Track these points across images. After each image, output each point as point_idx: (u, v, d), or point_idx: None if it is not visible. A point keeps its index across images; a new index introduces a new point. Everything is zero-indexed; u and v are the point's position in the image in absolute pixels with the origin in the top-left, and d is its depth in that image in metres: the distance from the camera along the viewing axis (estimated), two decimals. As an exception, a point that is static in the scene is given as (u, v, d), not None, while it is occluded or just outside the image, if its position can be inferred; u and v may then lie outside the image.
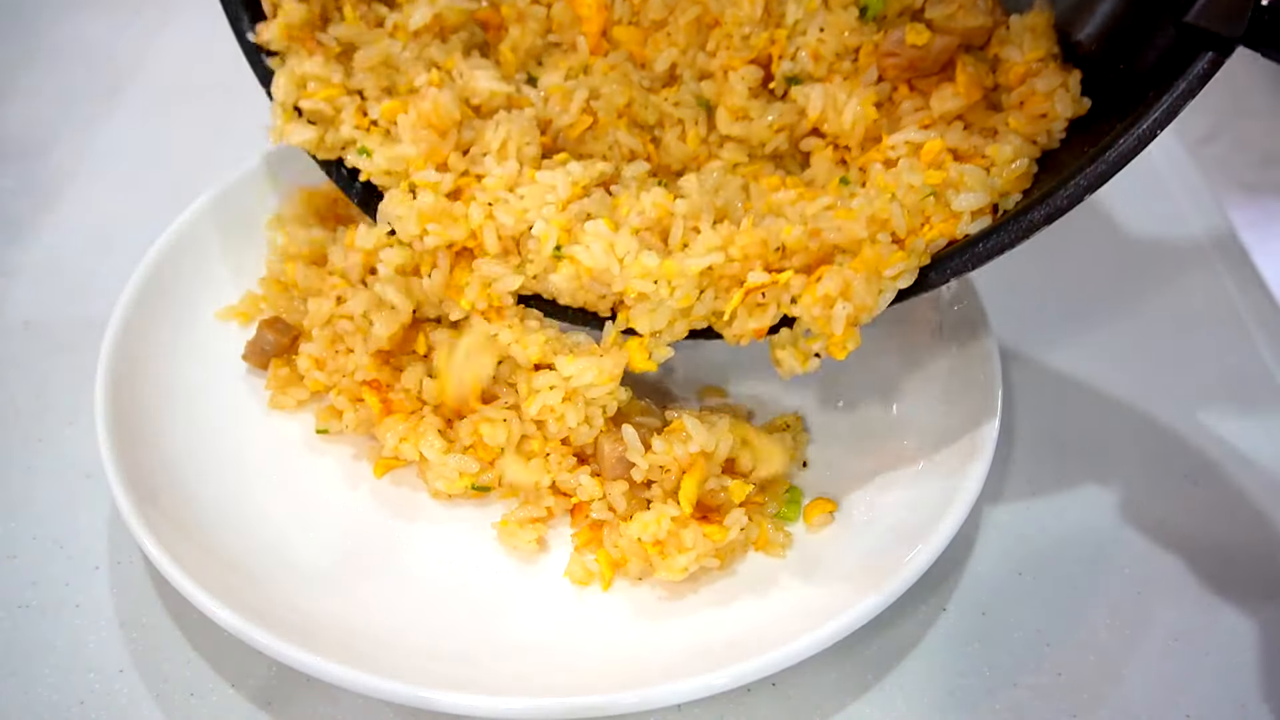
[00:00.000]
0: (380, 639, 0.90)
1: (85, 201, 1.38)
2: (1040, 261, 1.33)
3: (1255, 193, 3.06)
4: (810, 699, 0.91)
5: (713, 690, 0.83)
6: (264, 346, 1.09)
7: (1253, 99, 3.35)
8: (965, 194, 0.88)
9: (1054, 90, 0.89)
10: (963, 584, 1.00)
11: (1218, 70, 0.78)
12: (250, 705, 0.90)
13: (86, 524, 1.02)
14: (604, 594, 0.96)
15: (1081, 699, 0.92)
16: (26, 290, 1.26)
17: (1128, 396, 1.17)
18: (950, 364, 1.07)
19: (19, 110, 1.53)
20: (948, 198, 0.89)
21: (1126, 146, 0.82)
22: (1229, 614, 0.98)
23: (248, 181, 1.19)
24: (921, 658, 0.94)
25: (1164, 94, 0.80)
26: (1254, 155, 3.17)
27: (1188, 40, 0.78)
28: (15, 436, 1.10)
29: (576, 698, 0.81)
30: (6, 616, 0.95)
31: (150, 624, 0.95)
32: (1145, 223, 1.39)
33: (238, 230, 1.17)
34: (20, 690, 0.90)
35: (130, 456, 0.95)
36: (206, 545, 0.93)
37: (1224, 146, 3.18)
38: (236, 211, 1.17)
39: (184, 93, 1.56)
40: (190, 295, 1.13)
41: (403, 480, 1.04)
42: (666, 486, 0.96)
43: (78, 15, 1.69)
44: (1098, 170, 0.83)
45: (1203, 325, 1.25)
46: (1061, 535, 1.04)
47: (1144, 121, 0.81)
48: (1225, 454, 1.11)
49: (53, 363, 1.17)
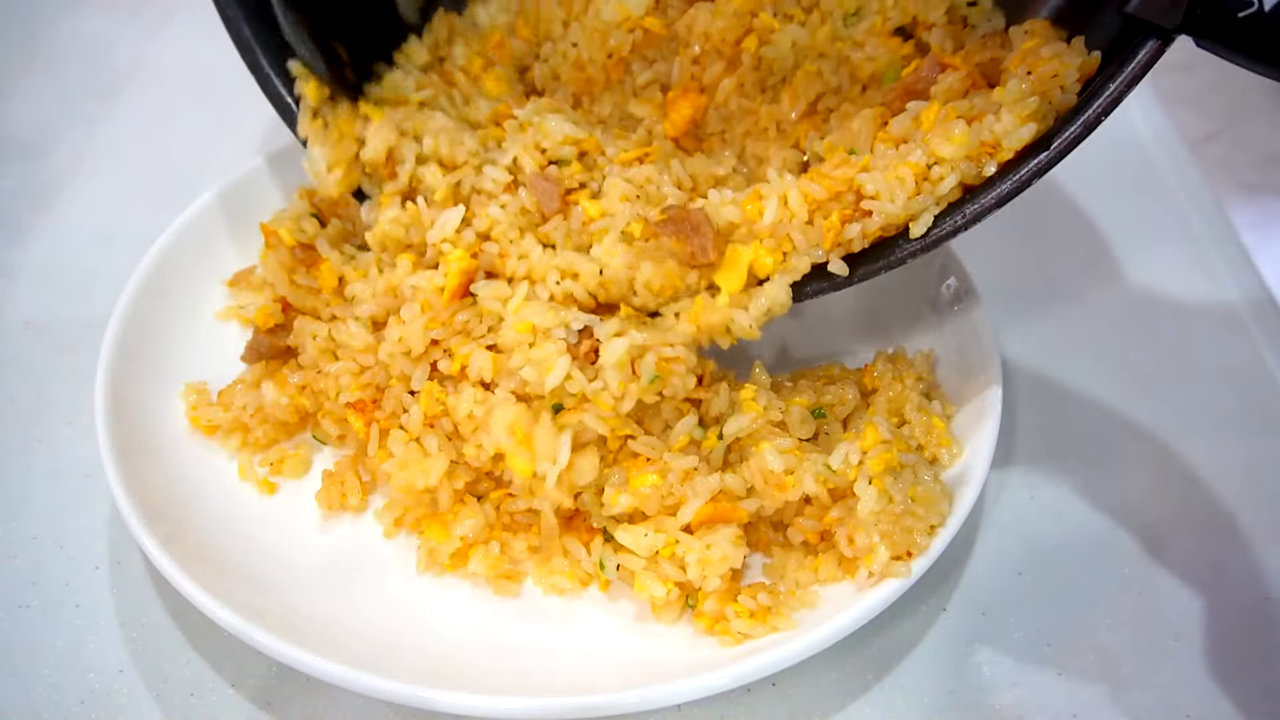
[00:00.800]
0: (380, 639, 0.90)
1: (85, 201, 1.38)
2: (1040, 262, 1.33)
3: (1255, 193, 3.06)
4: (810, 699, 0.91)
5: (713, 690, 0.83)
6: (260, 349, 1.09)
7: (1253, 99, 3.35)
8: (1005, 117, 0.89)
9: (1059, 53, 0.89)
10: (963, 584, 1.00)
11: (1160, 58, 0.81)
12: (250, 705, 0.90)
13: (86, 524, 1.02)
14: (604, 594, 0.96)
15: (1081, 699, 0.92)
16: (26, 290, 1.26)
17: (1128, 396, 1.17)
18: (951, 364, 1.07)
19: (19, 110, 1.53)
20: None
21: (1074, 134, 0.85)
22: (1229, 614, 0.98)
23: (248, 181, 1.19)
24: (921, 658, 0.94)
25: (1109, 81, 0.83)
26: (1254, 155, 3.17)
27: (1132, 28, 0.81)
28: (15, 436, 1.10)
29: (576, 698, 0.81)
30: (6, 616, 0.95)
31: (150, 624, 0.95)
32: (1145, 223, 1.39)
33: (238, 230, 1.17)
34: (20, 690, 0.90)
35: (130, 456, 0.95)
36: (206, 545, 0.93)
37: (1224, 146, 3.18)
38: (237, 211, 1.17)
39: (184, 93, 1.56)
40: (190, 295, 1.12)
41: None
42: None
43: (77, 15, 1.69)
44: (1047, 158, 0.86)
45: (1203, 325, 1.25)
46: (1061, 535, 1.04)
47: (1090, 108, 0.84)
48: (1225, 454, 1.11)
49: (53, 363, 1.17)
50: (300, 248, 1.08)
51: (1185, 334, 1.24)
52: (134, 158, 1.45)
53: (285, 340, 1.08)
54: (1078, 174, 1.46)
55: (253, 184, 1.19)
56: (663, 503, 0.92)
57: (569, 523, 0.99)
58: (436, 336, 0.98)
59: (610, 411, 0.92)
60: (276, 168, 1.20)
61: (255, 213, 1.18)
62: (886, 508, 0.89)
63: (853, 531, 0.90)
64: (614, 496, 0.93)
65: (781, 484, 0.91)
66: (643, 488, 0.92)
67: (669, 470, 0.93)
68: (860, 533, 0.89)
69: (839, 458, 0.91)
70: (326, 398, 1.03)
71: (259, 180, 1.19)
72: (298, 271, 1.07)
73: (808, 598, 0.91)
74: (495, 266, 1.00)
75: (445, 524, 0.97)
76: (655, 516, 0.93)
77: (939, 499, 0.91)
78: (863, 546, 0.89)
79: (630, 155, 1.04)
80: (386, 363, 1.01)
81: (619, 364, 0.91)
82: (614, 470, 0.95)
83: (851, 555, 0.90)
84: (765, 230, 0.94)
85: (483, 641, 0.91)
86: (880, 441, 0.92)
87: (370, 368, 1.02)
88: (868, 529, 0.89)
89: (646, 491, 0.92)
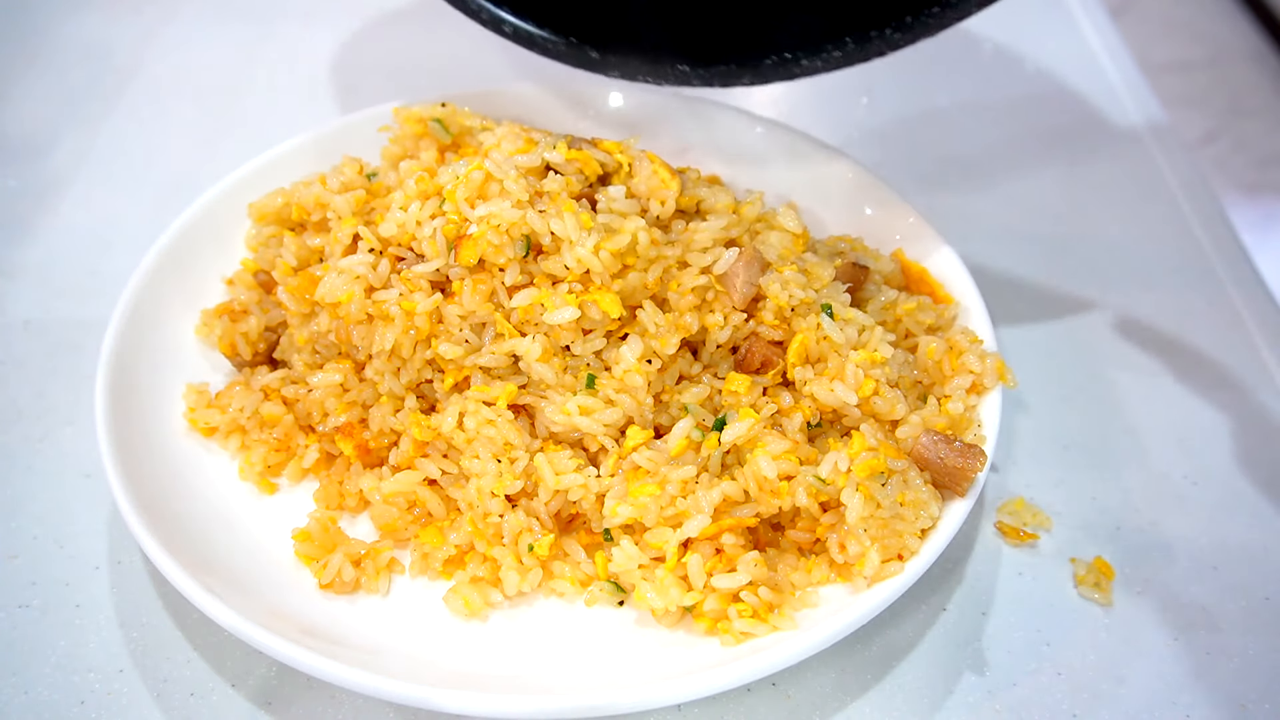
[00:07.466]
0: (380, 639, 0.90)
1: (85, 201, 1.38)
2: (1040, 263, 1.33)
3: (1255, 193, 3.06)
4: (810, 699, 0.91)
5: (713, 690, 0.83)
6: (244, 361, 1.09)
7: (1253, 99, 3.35)
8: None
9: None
10: (963, 584, 1.00)
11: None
12: (250, 705, 0.90)
13: (86, 524, 1.02)
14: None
15: (1081, 699, 0.92)
16: (26, 290, 1.26)
17: (1128, 396, 1.17)
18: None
19: (19, 110, 1.53)
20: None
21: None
22: (1229, 614, 0.98)
23: (248, 181, 1.19)
24: (921, 658, 0.94)
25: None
26: (1254, 155, 3.17)
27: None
28: (15, 436, 1.10)
29: (576, 698, 0.81)
30: (6, 617, 0.95)
31: (150, 624, 0.95)
32: (1145, 223, 1.39)
33: (238, 230, 1.17)
34: (20, 690, 0.90)
35: (130, 456, 0.95)
36: (206, 545, 0.93)
37: (1224, 146, 3.18)
38: (236, 212, 1.17)
39: (184, 93, 1.56)
40: (190, 295, 1.12)
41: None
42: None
43: (78, 15, 1.69)
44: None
45: (1203, 325, 1.25)
46: (1062, 535, 1.04)
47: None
48: (1225, 454, 1.11)
49: (53, 363, 1.17)
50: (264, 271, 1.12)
51: (1185, 334, 1.24)
52: (134, 158, 1.45)
53: (274, 342, 1.10)
54: (1078, 174, 1.46)
55: (252, 184, 1.19)
56: (662, 513, 0.92)
57: (569, 526, 0.99)
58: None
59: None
60: (276, 168, 1.20)
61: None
62: (875, 513, 0.89)
63: (844, 539, 0.90)
64: (614, 508, 0.93)
65: (776, 491, 0.91)
66: (642, 498, 0.92)
67: (668, 481, 0.93)
68: (851, 540, 0.89)
69: (828, 467, 0.91)
70: (313, 420, 1.04)
71: (259, 180, 1.19)
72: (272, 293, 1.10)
73: (808, 598, 0.91)
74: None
75: (440, 530, 0.97)
76: (655, 527, 0.93)
77: (929, 502, 0.91)
78: (854, 553, 0.89)
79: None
80: (373, 380, 1.02)
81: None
82: (614, 481, 0.95)
83: (844, 561, 0.91)
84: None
85: (482, 641, 0.91)
86: (866, 448, 0.92)
87: (353, 389, 1.03)
88: (858, 536, 0.89)
89: (646, 501, 0.92)
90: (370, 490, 0.99)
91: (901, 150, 1.51)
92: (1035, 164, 1.48)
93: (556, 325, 0.96)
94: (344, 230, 1.04)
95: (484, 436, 0.97)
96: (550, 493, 0.96)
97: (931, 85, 1.62)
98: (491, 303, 0.98)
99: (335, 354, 1.05)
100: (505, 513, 0.96)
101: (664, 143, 1.22)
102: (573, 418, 0.96)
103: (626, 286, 0.98)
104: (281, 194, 1.14)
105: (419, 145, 1.18)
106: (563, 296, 0.96)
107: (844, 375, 0.97)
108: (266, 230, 1.14)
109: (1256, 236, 1.44)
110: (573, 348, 0.98)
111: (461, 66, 1.58)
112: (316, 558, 0.95)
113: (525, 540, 0.95)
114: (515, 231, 0.96)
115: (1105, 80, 1.62)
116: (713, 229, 1.01)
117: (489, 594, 0.94)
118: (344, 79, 1.60)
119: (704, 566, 0.91)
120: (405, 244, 1.01)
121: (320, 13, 1.70)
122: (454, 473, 0.99)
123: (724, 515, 0.92)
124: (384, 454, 1.03)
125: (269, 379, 1.06)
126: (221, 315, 1.10)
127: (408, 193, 1.03)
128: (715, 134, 1.27)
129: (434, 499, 0.98)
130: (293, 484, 1.03)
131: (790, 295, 0.98)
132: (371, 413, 1.02)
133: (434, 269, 0.98)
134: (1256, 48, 3.51)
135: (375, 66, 1.62)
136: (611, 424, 0.97)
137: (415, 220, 1.00)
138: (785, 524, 0.95)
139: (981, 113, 1.58)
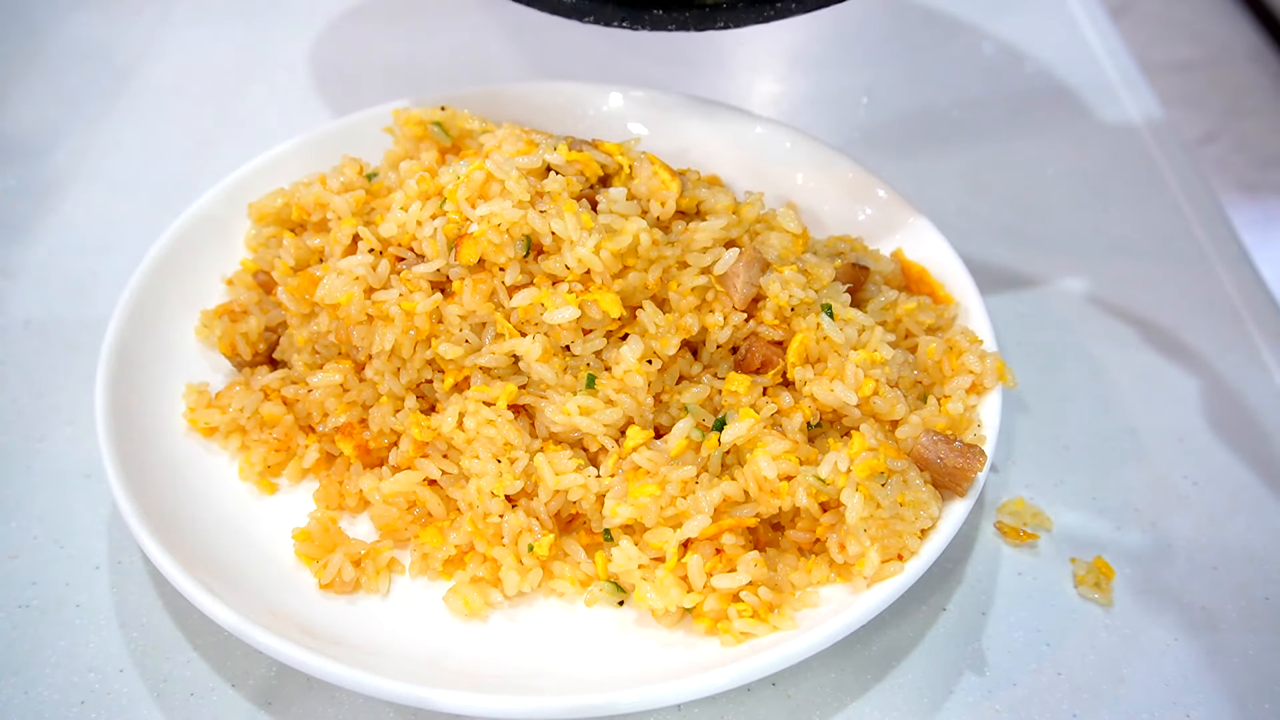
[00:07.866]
0: (380, 639, 0.90)
1: (85, 201, 1.38)
2: (1040, 262, 1.33)
3: (1255, 193, 3.06)
4: (810, 699, 0.91)
5: (713, 690, 0.83)
6: (243, 362, 1.09)
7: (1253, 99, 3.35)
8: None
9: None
10: (963, 584, 1.00)
11: None
12: (250, 705, 0.90)
13: (86, 524, 1.02)
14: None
15: (1081, 699, 0.92)
16: (26, 290, 1.26)
17: (1128, 396, 1.17)
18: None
19: (19, 110, 1.53)
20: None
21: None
22: (1229, 614, 0.98)
23: (247, 181, 1.19)
24: (921, 657, 0.94)
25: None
26: (1254, 155, 3.17)
27: None
28: (15, 436, 1.10)
29: (576, 698, 0.81)
30: (6, 617, 0.95)
31: (150, 624, 0.95)
32: (1146, 223, 1.39)
33: (237, 231, 1.17)
34: (20, 690, 0.90)
35: (130, 456, 0.95)
36: (206, 545, 0.93)
37: (1224, 146, 3.18)
38: (236, 212, 1.17)
39: (184, 93, 1.56)
40: (190, 295, 1.12)
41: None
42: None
43: (78, 15, 1.69)
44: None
45: (1203, 325, 1.25)
46: (1062, 535, 1.04)
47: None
48: (1225, 454, 1.11)
49: (53, 363, 1.17)
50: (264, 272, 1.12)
51: (1185, 334, 1.24)
52: (134, 158, 1.45)
53: (265, 344, 1.10)
54: (1079, 175, 1.46)
55: (252, 184, 1.19)
56: (662, 513, 0.92)
57: (569, 526, 0.99)
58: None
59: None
60: (276, 168, 1.20)
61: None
62: (875, 513, 0.89)
63: (844, 539, 0.90)
64: (614, 508, 0.93)
65: (776, 491, 0.91)
66: (642, 498, 0.92)
67: (668, 482, 0.93)
68: (851, 540, 0.89)
69: (828, 467, 0.91)
70: (313, 420, 1.04)
71: (258, 181, 1.19)
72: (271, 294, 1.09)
73: (808, 598, 0.91)
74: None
75: (440, 530, 0.97)
76: (655, 528, 0.93)
77: (929, 502, 0.91)
78: (854, 553, 0.89)
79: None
80: (373, 380, 1.01)
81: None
82: (614, 481, 0.95)
83: (844, 561, 0.91)
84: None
85: (483, 641, 0.91)
86: (866, 448, 0.92)
87: (352, 389, 1.03)
88: (858, 536, 0.89)
89: (646, 502, 0.92)
90: (370, 490, 0.99)
91: (901, 150, 1.51)
92: (1035, 164, 1.48)
93: (557, 325, 0.96)
94: (344, 230, 1.04)
95: (484, 436, 0.97)
96: (550, 493, 0.96)
97: (931, 85, 1.62)
98: (491, 303, 0.98)
99: (335, 354, 1.05)
100: (505, 513, 0.96)
101: (664, 143, 1.22)
102: (573, 418, 0.96)
103: (627, 287, 0.98)
104: (281, 194, 1.14)
105: (419, 147, 1.18)
106: (563, 296, 0.96)
107: (844, 375, 0.97)
108: (266, 230, 1.14)
109: (1256, 236, 1.44)
110: (573, 348, 0.98)
111: (461, 66, 1.58)
112: (316, 558, 0.95)
113: (525, 540, 0.95)
114: (516, 231, 0.96)
115: (1105, 80, 1.62)
116: (713, 229, 1.01)
117: (489, 594, 0.94)
118: (344, 79, 1.60)
119: (704, 567, 0.91)
120: (405, 244, 1.01)
121: (320, 13, 1.70)
122: (454, 473, 0.99)
123: (724, 515, 0.92)
124: (384, 454, 1.02)
125: (269, 379, 1.06)
126: (221, 315, 1.09)
127: (408, 193, 1.03)
128: (715, 134, 1.27)
129: (434, 499, 0.98)
130: (293, 484, 1.03)
131: (790, 295, 0.98)
132: (371, 413, 1.02)
133: (434, 269, 0.98)
134: (1256, 48, 3.52)
135: (375, 66, 1.62)
136: (611, 424, 0.97)
137: (415, 220, 1.00)
138: (785, 524, 0.95)
139: (981, 112, 1.58)
